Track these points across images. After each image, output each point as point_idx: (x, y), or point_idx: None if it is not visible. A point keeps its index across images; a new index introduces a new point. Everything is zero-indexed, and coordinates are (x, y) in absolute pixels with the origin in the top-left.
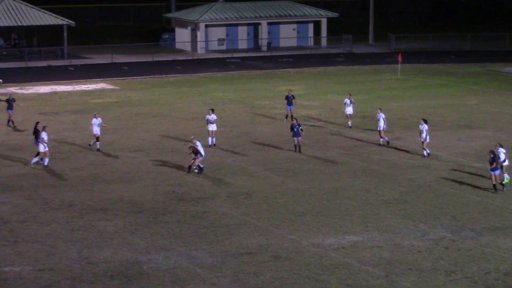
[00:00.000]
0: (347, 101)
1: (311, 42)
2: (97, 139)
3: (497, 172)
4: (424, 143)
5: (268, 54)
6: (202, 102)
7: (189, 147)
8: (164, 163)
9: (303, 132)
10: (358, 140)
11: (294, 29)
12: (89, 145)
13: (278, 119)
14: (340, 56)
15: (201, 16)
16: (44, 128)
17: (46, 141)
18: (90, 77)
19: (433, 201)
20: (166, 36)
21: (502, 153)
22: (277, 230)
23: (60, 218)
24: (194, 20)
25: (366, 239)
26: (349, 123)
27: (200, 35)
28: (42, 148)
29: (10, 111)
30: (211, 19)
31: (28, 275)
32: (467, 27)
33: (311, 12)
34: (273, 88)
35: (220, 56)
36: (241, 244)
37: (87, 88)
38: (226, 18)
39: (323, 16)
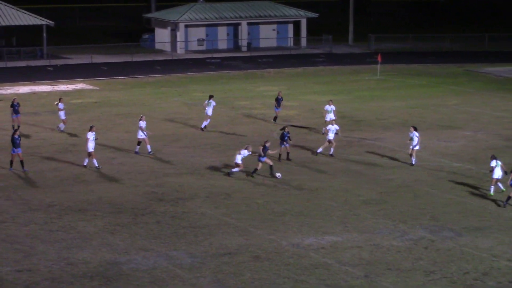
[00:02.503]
0: (328, 107)
1: (291, 43)
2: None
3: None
4: (414, 151)
5: (248, 54)
6: (182, 103)
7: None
8: (144, 164)
9: (290, 141)
10: (338, 140)
11: (274, 30)
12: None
13: (258, 119)
14: (320, 56)
15: (181, 16)
16: (91, 128)
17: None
18: (69, 78)
19: (412, 202)
20: (145, 36)
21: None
22: (257, 231)
23: (39, 218)
24: (174, 21)
25: (345, 239)
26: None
27: (180, 35)
28: (91, 147)
29: (15, 116)
30: (191, 19)
31: (7, 276)
32: (446, 27)
33: (291, 12)
34: (253, 88)
35: (200, 57)
36: (221, 244)
37: (66, 89)
38: (205, 18)
39: (303, 16)
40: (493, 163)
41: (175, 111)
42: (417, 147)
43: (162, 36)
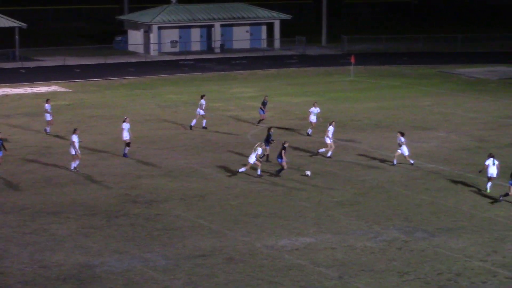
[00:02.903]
0: (313, 110)
1: (264, 44)
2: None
3: None
4: (407, 157)
5: (221, 56)
6: (155, 105)
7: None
8: (117, 166)
9: (273, 142)
10: (311, 141)
11: (247, 31)
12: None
13: (232, 121)
14: (293, 58)
15: (154, 18)
16: (75, 131)
17: (76, 145)
18: (42, 80)
19: (386, 202)
20: (119, 38)
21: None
22: (231, 232)
23: (12, 221)
24: (147, 22)
25: (319, 240)
26: (309, 131)
27: (153, 37)
28: (73, 151)
29: None
30: (164, 21)
31: None
32: (419, 29)
33: (264, 14)
34: (227, 90)
35: (173, 58)
36: (195, 246)
37: (39, 91)
38: (179, 20)
39: (276, 18)
40: (489, 161)
41: (149, 113)
42: (406, 153)
43: (135, 38)
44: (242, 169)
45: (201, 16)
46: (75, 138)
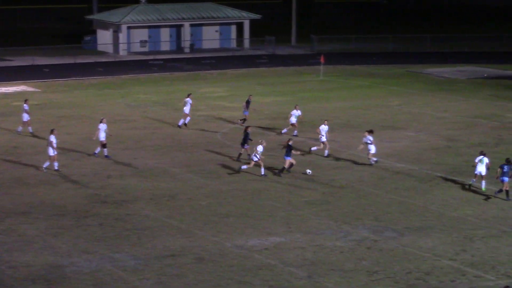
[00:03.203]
0: (294, 112)
1: (233, 44)
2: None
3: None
4: (370, 155)
5: (191, 56)
6: (125, 104)
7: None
8: (87, 166)
9: (251, 141)
10: (280, 141)
11: (216, 31)
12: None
13: (201, 121)
14: (263, 57)
15: (123, 18)
16: (52, 131)
17: (54, 145)
18: (10, 80)
19: (355, 202)
20: (88, 38)
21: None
22: (200, 232)
23: None
24: (116, 22)
25: (289, 240)
26: (284, 130)
27: (122, 37)
28: (51, 152)
29: None
30: (133, 21)
31: None
32: (389, 29)
33: (234, 14)
34: (196, 90)
35: (143, 58)
36: (164, 246)
37: (7, 91)
38: (148, 20)
39: (246, 18)
40: (478, 158)
41: (118, 113)
42: (372, 151)
43: (104, 37)
44: (244, 167)
45: (170, 16)
46: (52, 138)
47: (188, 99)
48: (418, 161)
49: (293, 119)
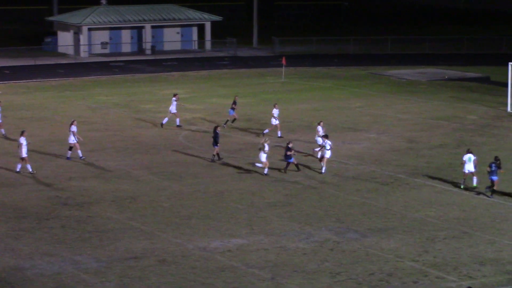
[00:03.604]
0: (275, 111)
1: (195, 46)
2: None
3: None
4: (324, 159)
5: (152, 57)
6: (86, 106)
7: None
8: (48, 168)
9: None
10: (244, 143)
11: (178, 33)
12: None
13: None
14: (225, 59)
15: (84, 20)
16: (23, 133)
17: (24, 148)
18: None
19: (317, 203)
20: (48, 39)
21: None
22: (163, 234)
23: None
24: (77, 24)
25: (252, 242)
26: (266, 130)
27: (83, 38)
28: (23, 153)
29: None
30: (94, 23)
31: None
32: (350, 30)
33: (195, 15)
34: (158, 91)
35: (104, 60)
36: (126, 248)
37: None
38: (109, 21)
39: (207, 19)
40: (466, 157)
41: (79, 115)
42: (328, 156)
43: (65, 39)
44: (259, 165)
45: (131, 18)
46: (23, 140)
47: (174, 98)
48: (379, 163)
49: (273, 120)
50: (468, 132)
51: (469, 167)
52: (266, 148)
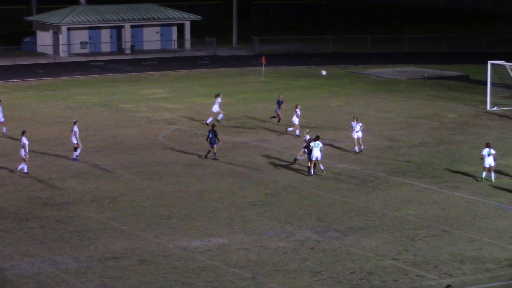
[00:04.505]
0: (298, 111)
1: (175, 45)
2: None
3: None
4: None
5: (132, 57)
6: (66, 106)
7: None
8: (28, 168)
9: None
10: (223, 142)
11: (157, 32)
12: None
13: (143, 122)
14: (204, 58)
15: (63, 19)
16: (24, 133)
17: (27, 147)
18: None
19: (298, 202)
20: (27, 39)
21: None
22: (143, 234)
23: None
24: (56, 23)
25: (232, 241)
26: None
27: (62, 38)
28: (23, 154)
29: None
30: (73, 22)
31: None
32: (329, 29)
33: (175, 15)
34: (137, 91)
35: (83, 60)
36: (107, 248)
37: None
38: (88, 21)
39: (187, 19)
40: (485, 151)
41: (59, 115)
42: (319, 158)
43: (44, 39)
44: (300, 158)
45: (110, 17)
46: (25, 140)
47: (218, 98)
48: (360, 162)
49: (294, 119)
50: (448, 131)
51: (489, 160)
52: (307, 137)
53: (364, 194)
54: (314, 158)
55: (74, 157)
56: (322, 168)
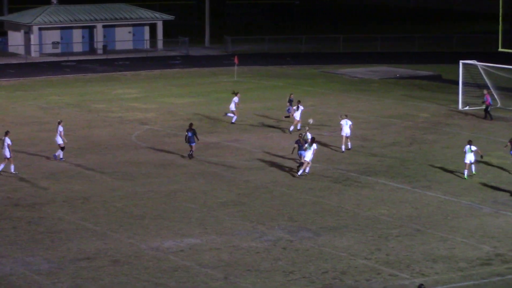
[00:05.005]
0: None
1: (147, 45)
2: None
3: None
4: (309, 163)
5: (104, 57)
6: (37, 106)
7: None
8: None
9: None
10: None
11: (130, 32)
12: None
13: (115, 122)
14: (177, 58)
15: (35, 19)
16: (7, 133)
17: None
18: None
19: (270, 202)
20: None
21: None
22: (115, 234)
23: None
24: (27, 23)
25: (204, 241)
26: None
27: (34, 38)
28: (7, 154)
29: None
30: (45, 22)
31: None
32: (302, 29)
33: (147, 14)
34: (110, 91)
35: (55, 60)
36: (79, 249)
37: None
38: (60, 21)
39: (159, 19)
40: (466, 148)
41: (30, 115)
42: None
43: (15, 39)
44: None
45: (82, 17)
46: (8, 140)
47: (236, 98)
48: (332, 161)
49: (298, 115)
50: (420, 130)
51: (470, 157)
52: (309, 136)
53: (337, 194)
54: (308, 160)
55: (61, 157)
56: (307, 171)
